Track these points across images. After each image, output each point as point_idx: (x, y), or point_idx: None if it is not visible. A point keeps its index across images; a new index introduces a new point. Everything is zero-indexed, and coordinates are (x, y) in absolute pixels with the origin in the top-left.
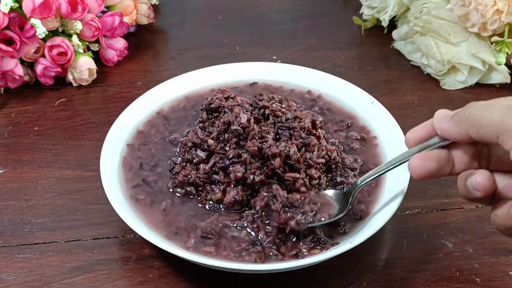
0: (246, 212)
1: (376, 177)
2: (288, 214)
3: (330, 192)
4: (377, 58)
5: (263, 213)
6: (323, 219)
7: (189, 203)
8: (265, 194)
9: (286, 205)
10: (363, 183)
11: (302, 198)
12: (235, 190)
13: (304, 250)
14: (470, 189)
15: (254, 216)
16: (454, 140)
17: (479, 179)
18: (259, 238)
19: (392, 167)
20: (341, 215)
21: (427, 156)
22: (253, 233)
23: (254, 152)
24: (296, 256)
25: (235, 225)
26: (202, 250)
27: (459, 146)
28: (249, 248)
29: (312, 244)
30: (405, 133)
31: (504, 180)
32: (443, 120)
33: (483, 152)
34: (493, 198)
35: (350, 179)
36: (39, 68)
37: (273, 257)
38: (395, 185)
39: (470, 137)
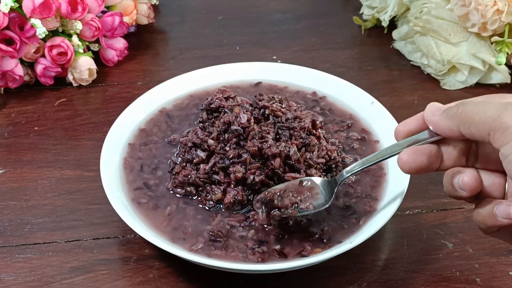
0: (252, 212)
1: (362, 169)
2: (264, 214)
3: (317, 180)
4: (377, 58)
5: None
6: (306, 211)
7: (193, 207)
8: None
9: (264, 201)
10: (348, 174)
11: (282, 191)
12: (235, 190)
13: (308, 247)
14: (456, 187)
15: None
16: (444, 135)
17: (466, 179)
18: (266, 237)
19: (380, 160)
20: (325, 206)
21: (417, 151)
22: (260, 232)
23: (254, 152)
24: (300, 255)
25: (242, 225)
26: (213, 254)
27: (449, 141)
28: (255, 247)
29: (316, 243)
30: None
31: (490, 179)
32: (435, 113)
33: (471, 149)
34: (477, 196)
35: (350, 177)
36: (39, 68)
37: (275, 257)
38: (395, 184)
39: (461, 134)
